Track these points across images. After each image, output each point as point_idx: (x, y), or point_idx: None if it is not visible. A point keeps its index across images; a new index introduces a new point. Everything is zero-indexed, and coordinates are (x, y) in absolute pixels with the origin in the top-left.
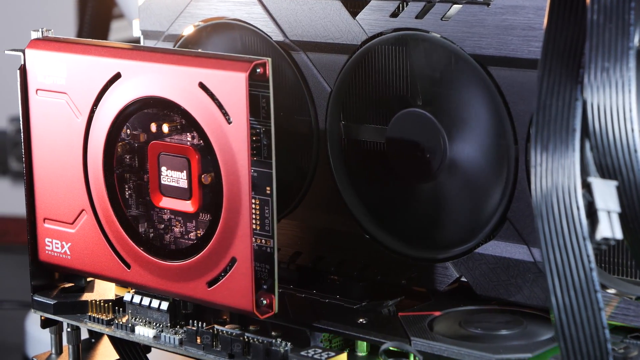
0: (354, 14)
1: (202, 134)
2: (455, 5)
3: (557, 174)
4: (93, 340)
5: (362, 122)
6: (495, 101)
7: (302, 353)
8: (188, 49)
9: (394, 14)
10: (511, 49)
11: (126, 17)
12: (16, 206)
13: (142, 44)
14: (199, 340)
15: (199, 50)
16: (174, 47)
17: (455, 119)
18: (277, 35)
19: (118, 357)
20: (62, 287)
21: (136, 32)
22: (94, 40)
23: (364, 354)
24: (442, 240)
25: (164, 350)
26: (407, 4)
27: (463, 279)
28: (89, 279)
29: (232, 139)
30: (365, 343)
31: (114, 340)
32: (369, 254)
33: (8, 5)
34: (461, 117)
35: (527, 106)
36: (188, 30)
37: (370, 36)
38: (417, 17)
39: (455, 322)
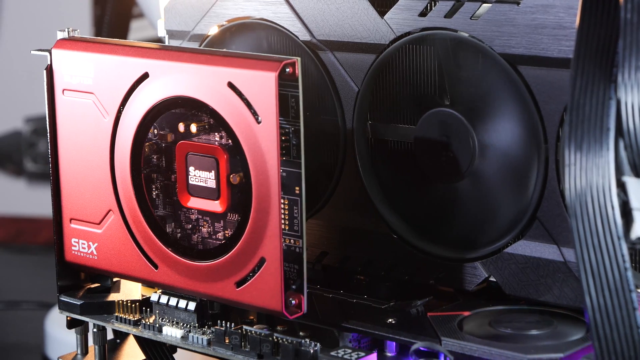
0: (382, 13)
1: (231, 134)
2: (484, 4)
3: (591, 174)
4: (118, 340)
5: (389, 121)
6: (525, 100)
7: (332, 353)
8: (217, 49)
9: (423, 13)
10: (541, 48)
11: (146, 16)
12: (32, 207)
13: (166, 44)
14: (227, 341)
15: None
16: (199, 47)
17: (484, 119)
18: (304, 35)
19: (144, 357)
20: (88, 288)
21: (161, 32)
22: (121, 40)
23: (393, 354)
24: (471, 240)
25: (192, 350)
26: (435, 3)
27: (492, 278)
28: (115, 279)
29: (262, 138)
30: (394, 343)
31: (141, 341)
32: (396, 254)
33: (22, 6)
34: (490, 116)
35: (557, 105)
36: (214, 30)
37: (398, 35)
38: (445, 16)
39: (484, 322)
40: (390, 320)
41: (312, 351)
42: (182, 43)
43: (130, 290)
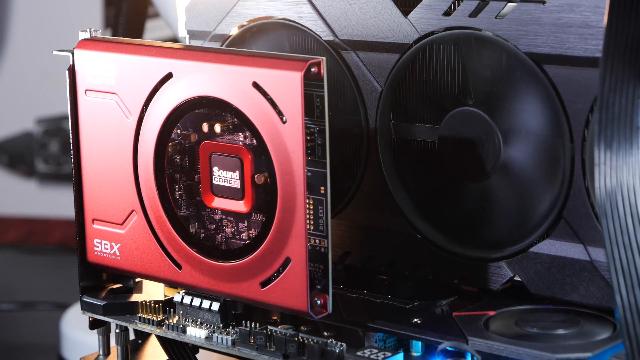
0: (405, 12)
1: (256, 134)
2: (510, 4)
3: (621, 172)
4: (140, 341)
5: (413, 121)
6: (551, 100)
7: (358, 353)
8: (241, 49)
9: (447, 13)
10: (567, 47)
11: (162, 16)
12: (43, 207)
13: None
14: (252, 341)
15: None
16: (220, 47)
17: (510, 118)
18: (326, 35)
19: (167, 357)
20: (110, 288)
21: (181, 32)
22: (143, 40)
23: (418, 354)
24: (496, 240)
25: (216, 351)
26: (460, 3)
27: (516, 278)
28: (137, 280)
29: (287, 138)
30: (420, 343)
31: (164, 341)
32: (420, 254)
33: (33, 8)
34: (515, 116)
35: (583, 105)
36: (235, 31)
37: (422, 35)
38: (470, 16)
39: (510, 322)
40: (415, 320)
41: (338, 351)
42: (204, 43)
43: (152, 291)
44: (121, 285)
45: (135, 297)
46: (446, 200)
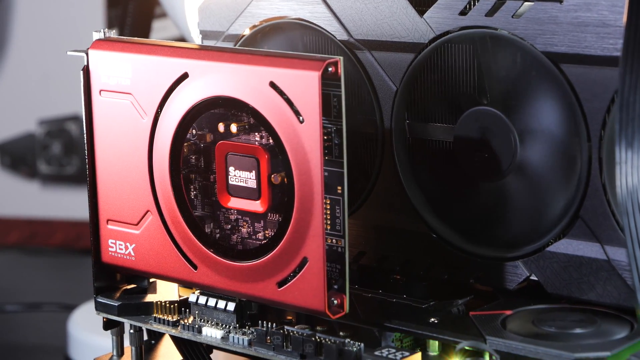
0: (421, 12)
1: (273, 134)
2: (526, 3)
3: None
4: (153, 341)
5: (428, 120)
6: (568, 99)
7: (376, 353)
8: (258, 49)
9: (463, 12)
10: (584, 46)
11: (170, 16)
12: (45, 209)
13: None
14: (268, 341)
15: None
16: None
17: (526, 117)
18: (341, 35)
19: (181, 358)
20: (124, 289)
21: (193, 32)
22: (158, 40)
23: (435, 353)
24: (512, 239)
25: (232, 351)
26: (476, 2)
27: (533, 277)
28: (151, 280)
29: (304, 138)
30: (437, 342)
31: (178, 341)
32: (435, 253)
33: (34, 9)
34: (531, 115)
35: (600, 103)
36: (248, 31)
37: (437, 34)
38: (486, 15)
39: (527, 321)
40: (432, 319)
41: (355, 351)
42: (217, 43)
43: (167, 291)
44: (135, 285)
45: (150, 298)
46: (462, 199)
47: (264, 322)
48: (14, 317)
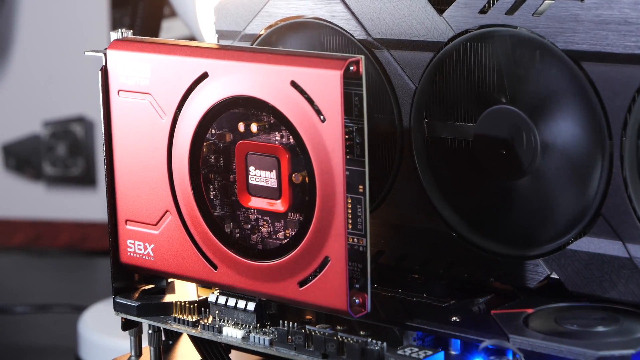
0: (440, 11)
1: (294, 133)
2: (547, 1)
3: None
4: (170, 342)
5: (447, 119)
6: (589, 97)
7: (399, 352)
8: (278, 48)
9: (483, 11)
10: (606, 44)
11: (180, 16)
12: (50, 210)
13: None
14: (289, 341)
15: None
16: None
17: (546, 115)
18: (359, 34)
19: (200, 358)
20: (142, 289)
21: (207, 32)
22: (177, 40)
23: (457, 352)
24: (533, 237)
25: (253, 350)
26: (496, 0)
27: (553, 275)
28: (170, 280)
29: (326, 137)
30: (459, 341)
31: (197, 341)
32: (455, 252)
33: (38, 10)
34: (552, 113)
35: (622, 101)
36: (265, 30)
37: (457, 33)
38: (507, 13)
39: (549, 319)
40: (454, 318)
41: (378, 350)
42: (233, 43)
43: (185, 291)
44: (153, 286)
45: (169, 298)
46: (481, 198)
47: (284, 321)
48: (23, 318)
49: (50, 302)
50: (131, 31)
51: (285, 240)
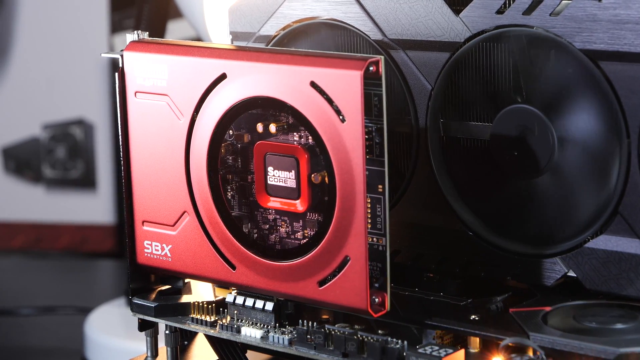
0: (456, 11)
1: (314, 133)
2: (564, 1)
3: None
4: (186, 342)
5: (463, 119)
6: (606, 96)
7: (420, 350)
8: (296, 49)
9: (500, 11)
10: (624, 44)
11: (186, 17)
12: (50, 213)
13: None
14: (309, 340)
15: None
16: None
17: (564, 115)
18: (375, 35)
19: (217, 358)
20: (159, 290)
21: (212, 33)
22: (194, 41)
23: (476, 350)
24: (550, 236)
25: (272, 350)
26: (513, 0)
27: (571, 273)
28: (186, 281)
29: (346, 137)
30: (478, 339)
31: (214, 341)
32: (471, 251)
33: (38, 13)
34: (569, 112)
35: (639, 100)
36: (280, 31)
37: (473, 33)
38: (524, 14)
39: (568, 317)
40: (473, 316)
41: (398, 348)
42: (248, 44)
43: (202, 292)
44: (170, 286)
45: (186, 298)
46: (498, 197)
47: (302, 321)
48: (28, 320)
49: (54, 304)
50: (147, 33)
51: (304, 240)
